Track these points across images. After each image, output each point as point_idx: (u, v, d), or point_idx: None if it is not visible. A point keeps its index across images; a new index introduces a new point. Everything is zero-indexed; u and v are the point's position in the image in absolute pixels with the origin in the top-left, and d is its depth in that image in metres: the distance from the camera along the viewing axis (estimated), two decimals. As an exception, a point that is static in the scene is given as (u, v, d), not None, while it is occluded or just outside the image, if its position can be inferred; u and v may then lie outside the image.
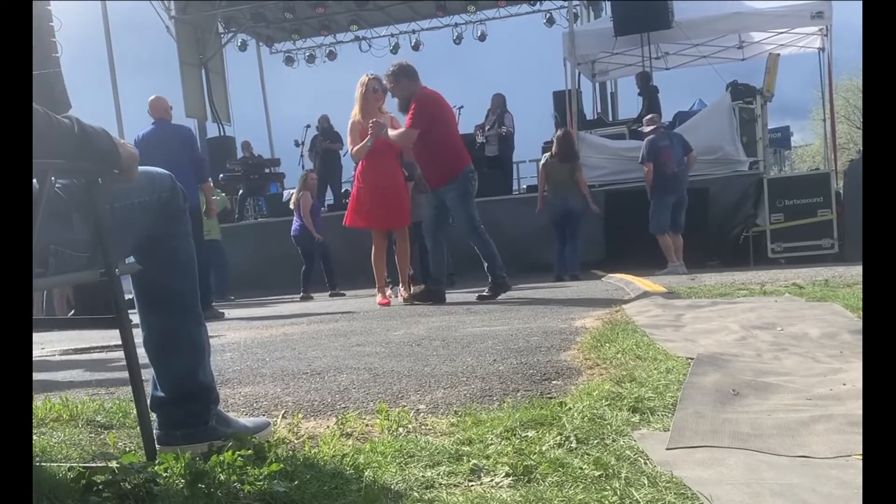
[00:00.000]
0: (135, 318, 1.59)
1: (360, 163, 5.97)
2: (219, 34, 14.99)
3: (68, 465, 1.44)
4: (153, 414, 1.59)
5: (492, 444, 1.52)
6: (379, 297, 6.14)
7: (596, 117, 12.93)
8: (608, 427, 1.59)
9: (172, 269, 1.62)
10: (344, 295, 8.64)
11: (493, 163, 11.57)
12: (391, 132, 5.67)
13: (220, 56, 15.24)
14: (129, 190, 1.51)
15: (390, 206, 5.93)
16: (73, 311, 7.76)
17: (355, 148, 5.91)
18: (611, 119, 13.19)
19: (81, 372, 3.26)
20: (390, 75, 5.61)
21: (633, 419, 1.66)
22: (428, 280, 6.05)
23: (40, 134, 1.22)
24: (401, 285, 6.37)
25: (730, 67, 12.29)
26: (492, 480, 1.32)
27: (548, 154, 8.81)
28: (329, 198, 12.82)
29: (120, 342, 1.47)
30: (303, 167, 12.53)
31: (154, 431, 1.57)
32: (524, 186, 13.13)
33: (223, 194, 10.18)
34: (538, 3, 14.75)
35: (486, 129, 11.53)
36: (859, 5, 1.31)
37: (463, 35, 15.48)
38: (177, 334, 1.62)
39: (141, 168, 1.52)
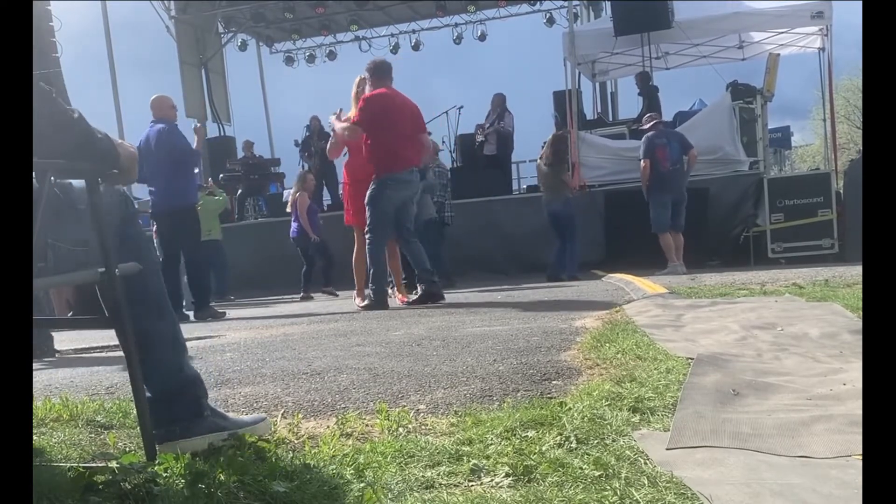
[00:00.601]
0: None
1: (347, 159, 5.99)
2: (219, 34, 15.00)
3: (68, 465, 1.44)
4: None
5: (492, 444, 1.52)
6: (357, 300, 5.92)
7: (596, 117, 12.92)
8: (608, 427, 1.58)
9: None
10: (337, 295, 8.64)
11: (492, 162, 11.57)
12: (338, 125, 5.68)
13: (220, 56, 15.24)
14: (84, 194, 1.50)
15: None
16: (72, 312, 7.75)
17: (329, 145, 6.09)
18: (611, 119, 13.18)
19: (81, 372, 3.26)
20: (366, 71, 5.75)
21: (633, 419, 1.66)
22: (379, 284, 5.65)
23: (40, 112, 1.22)
24: (395, 287, 6.23)
25: (730, 67, 12.29)
26: (492, 480, 1.32)
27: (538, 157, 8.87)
28: (327, 198, 12.82)
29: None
30: (303, 167, 12.54)
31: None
32: (524, 186, 13.14)
33: (224, 194, 10.17)
34: (538, 3, 14.75)
35: (486, 127, 11.54)
36: (859, 5, 1.31)
37: (463, 35, 15.48)
38: (152, 333, 1.63)
39: None
